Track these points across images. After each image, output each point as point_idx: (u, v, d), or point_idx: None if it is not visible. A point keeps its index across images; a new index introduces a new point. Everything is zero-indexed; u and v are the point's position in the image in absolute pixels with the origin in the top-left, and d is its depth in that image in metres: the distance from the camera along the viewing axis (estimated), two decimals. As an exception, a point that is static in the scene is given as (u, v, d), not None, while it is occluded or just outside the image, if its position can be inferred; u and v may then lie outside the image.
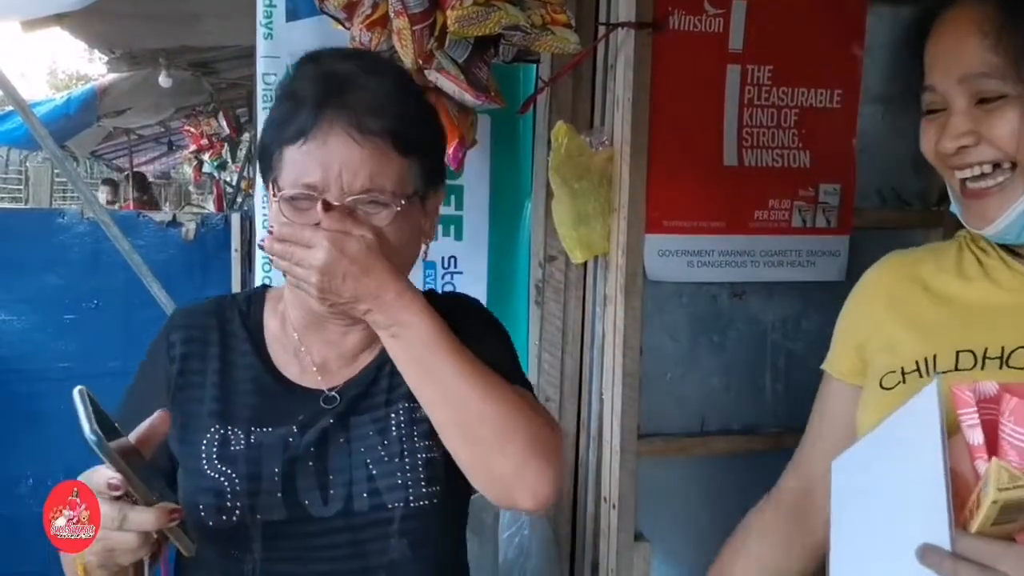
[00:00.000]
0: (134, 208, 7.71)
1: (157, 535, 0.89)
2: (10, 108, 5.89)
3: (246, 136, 8.57)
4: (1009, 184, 0.95)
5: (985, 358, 0.97)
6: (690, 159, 1.87)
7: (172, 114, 8.10)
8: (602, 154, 1.83)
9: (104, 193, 9.02)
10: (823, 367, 1.21)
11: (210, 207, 10.71)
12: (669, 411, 1.93)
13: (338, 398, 1.10)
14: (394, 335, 1.02)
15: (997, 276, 1.03)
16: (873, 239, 1.92)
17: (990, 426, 0.78)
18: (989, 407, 0.79)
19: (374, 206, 1.02)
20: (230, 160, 9.64)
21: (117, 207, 8.41)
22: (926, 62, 1.01)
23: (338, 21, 1.77)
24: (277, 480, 1.05)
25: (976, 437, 0.77)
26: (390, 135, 1.02)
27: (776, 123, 1.92)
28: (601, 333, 1.92)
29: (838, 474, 0.97)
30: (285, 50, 1.98)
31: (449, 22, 1.54)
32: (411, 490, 1.06)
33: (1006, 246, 1.03)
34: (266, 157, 1.07)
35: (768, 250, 1.93)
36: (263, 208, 1.96)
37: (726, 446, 1.95)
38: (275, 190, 1.05)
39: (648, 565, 1.85)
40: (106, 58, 5.68)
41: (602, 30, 1.87)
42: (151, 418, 0.95)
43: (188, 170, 12.74)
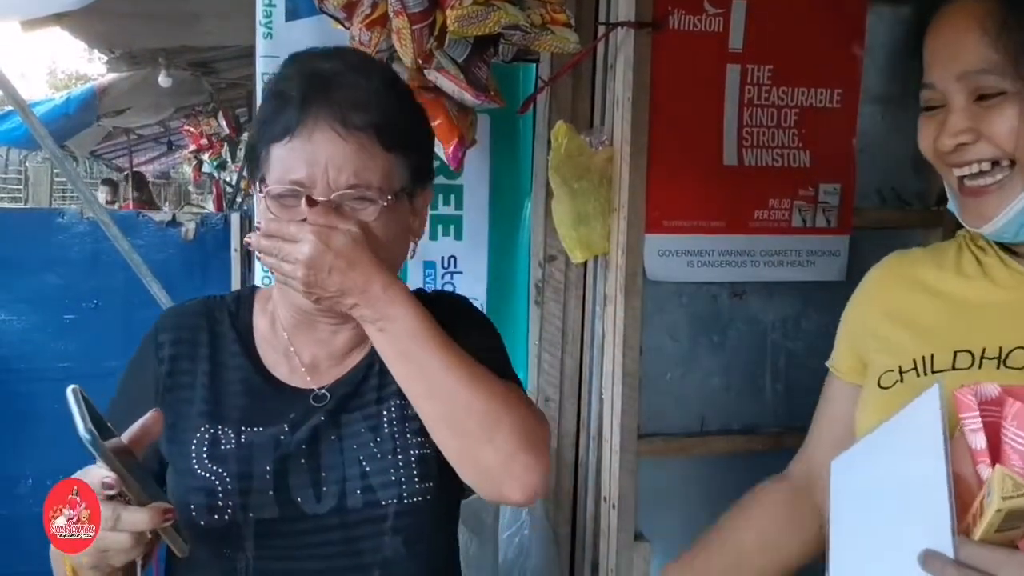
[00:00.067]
0: (133, 208, 7.71)
1: (150, 535, 0.89)
2: (10, 108, 5.88)
3: (246, 136, 8.55)
4: (1008, 182, 0.95)
5: (983, 358, 0.96)
6: (690, 159, 1.86)
7: (172, 114, 8.10)
8: (602, 154, 1.83)
9: (103, 193, 9.03)
10: (828, 364, 1.22)
11: (210, 207, 10.71)
12: (669, 411, 1.93)
13: (328, 396, 1.10)
14: (381, 329, 1.02)
15: (995, 275, 1.03)
16: (873, 239, 1.92)
17: (992, 429, 0.77)
18: (991, 409, 0.78)
19: (360, 202, 1.02)
20: (230, 160, 9.62)
21: (116, 207, 8.42)
22: (924, 59, 1.01)
23: (338, 21, 1.77)
24: (269, 478, 1.05)
25: (978, 442, 0.77)
26: (375, 130, 1.02)
27: (776, 123, 1.91)
28: (601, 333, 1.92)
29: (837, 474, 0.97)
30: (285, 50, 1.93)
31: (449, 22, 1.54)
32: (405, 487, 1.06)
33: (1004, 245, 1.03)
34: (253, 156, 1.07)
35: (768, 250, 1.93)
36: (263, 208, 1.95)
37: (726, 446, 1.95)
38: (262, 188, 1.05)
39: (648, 565, 1.85)
40: (106, 58, 5.68)
41: (602, 30, 1.87)
42: (144, 418, 0.94)
43: (188, 170, 12.72)
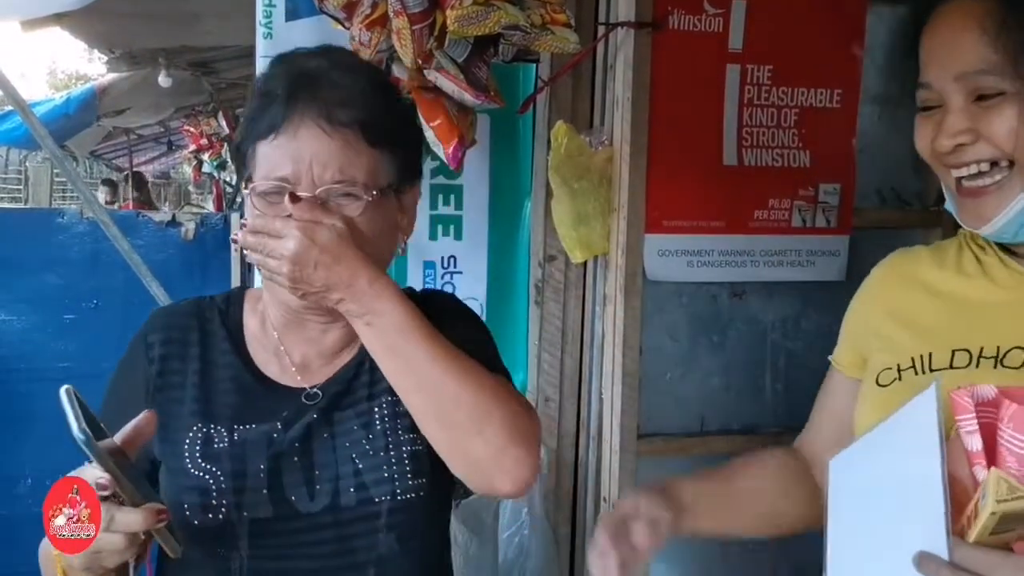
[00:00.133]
0: (133, 208, 7.71)
1: (143, 536, 0.88)
2: (10, 108, 5.88)
3: (243, 136, 8.54)
4: (1007, 183, 0.95)
5: (980, 357, 0.96)
6: (690, 159, 1.86)
7: (172, 114, 8.09)
8: (602, 154, 1.83)
9: (103, 193, 9.04)
10: (830, 358, 1.22)
11: (210, 207, 10.72)
12: (669, 411, 1.93)
13: (320, 394, 1.10)
14: (368, 323, 1.02)
15: (994, 274, 1.03)
16: (873, 239, 1.92)
17: (988, 430, 0.77)
18: (987, 411, 0.78)
19: (346, 197, 1.03)
20: (229, 160, 9.62)
21: (116, 207, 8.42)
22: (921, 58, 1.00)
23: (338, 21, 1.77)
24: (263, 477, 1.05)
25: (974, 444, 0.77)
26: (360, 126, 1.03)
27: (776, 123, 1.91)
28: (601, 333, 1.92)
29: (836, 473, 0.97)
30: (285, 50, 1.97)
31: (449, 22, 1.54)
32: (398, 483, 1.06)
33: (1003, 245, 1.02)
34: (240, 155, 1.08)
35: (768, 250, 1.93)
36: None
37: (726, 446, 1.94)
38: (248, 185, 1.05)
39: (648, 565, 1.85)
40: (106, 58, 5.68)
41: (602, 30, 1.87)
42: (136, 419, 0.94)
43: (188, 170, 12.70)
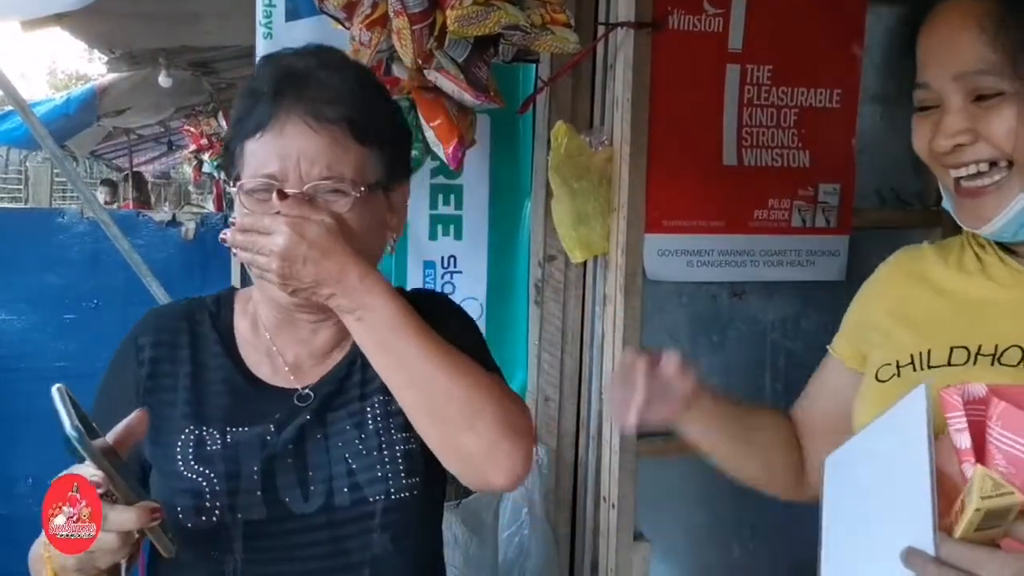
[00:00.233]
0: (132, 208, 7.71)
1: (136, 536, 0.88)
2: (10, 108, 5.88)
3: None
4: (1006, 183, 0.94)
5: (978, 355, 0.96)
6: (690, 159, 1.87)
7: (172, 114, 8.08)
8: (602, 154, 1.83)
9: (102, 193, 9.03)
10: (828, 347, 1.23)
11: (210, 207, 10.71)
12: (669, 411, 1.93)
13: (312, 395, 1.10)
14: (359, 318, 1.02)
15: (994, 273, 1.03)
16: (872, 239, 1.92)
17: (977, 428, 0.78)
18: (977, 408, 0.78)
19: (334, 194, 1.03)
20: (229, 160, 9.60)
21: (116, 207, 8.42)
22: (918, 58, 0.99)
23: (338, 21, 1.77)
24: (256, 478, 1.04)
25: (963, 441, 0.77)
26: (347, 123, 1.03)
27: (776, 123, 1.92)
28: (601, 333, 1.92)
29: (831, 470, 0.97)
30: (285, 50, 1.99)
31: (449, 22, 1.54)
32: (391, 482, 1.06)
33: (1003, 244, 1.02)
34: (228, 154, 1.08)
35: (768, 250, 1.93)
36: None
37: (726, 446, 1.94)
38: (236, 184, 1.05)
39: (647, 565, 1.85)
40: (106, 58, 5.67)
41: (601, 30, 1.87)
42: (128, 419, 0.94)
43: (188, 170, 12.70)
